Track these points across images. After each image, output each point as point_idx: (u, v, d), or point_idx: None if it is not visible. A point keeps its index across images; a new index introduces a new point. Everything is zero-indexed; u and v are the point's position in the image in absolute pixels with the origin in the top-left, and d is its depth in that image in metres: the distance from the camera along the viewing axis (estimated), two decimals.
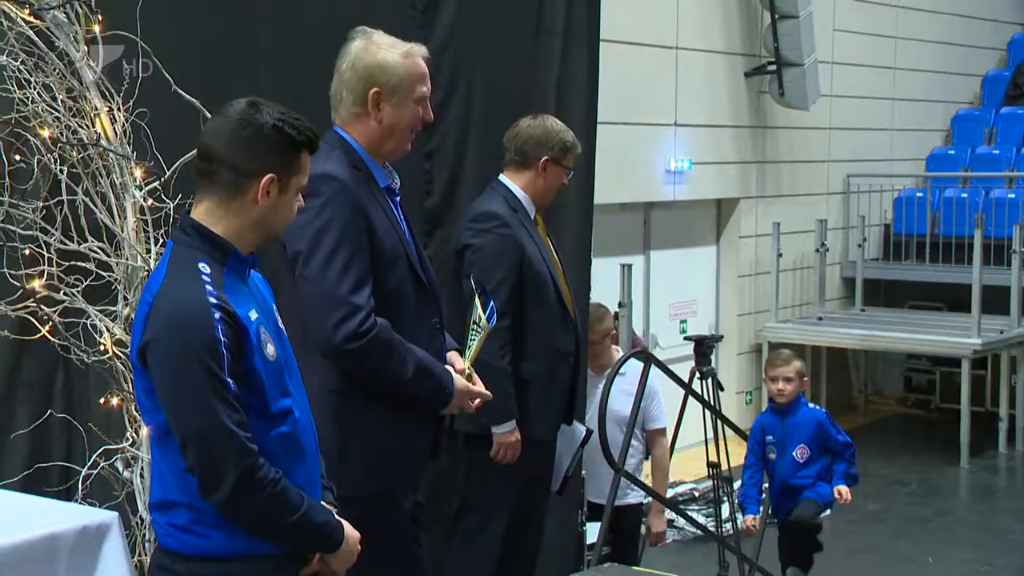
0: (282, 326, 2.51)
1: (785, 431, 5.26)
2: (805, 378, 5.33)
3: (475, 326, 3.17)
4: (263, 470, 2.26)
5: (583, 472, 4.67)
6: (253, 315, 2.34)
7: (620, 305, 5.90)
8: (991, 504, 7.92)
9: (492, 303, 3.18)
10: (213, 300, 2.26)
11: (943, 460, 8.83)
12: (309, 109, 3.59)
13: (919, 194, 10.91)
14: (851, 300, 10.69)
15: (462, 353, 3.22)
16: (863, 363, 10.85)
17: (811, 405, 5.34)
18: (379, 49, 3.05)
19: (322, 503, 2.48)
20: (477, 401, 3.18)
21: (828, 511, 5.34)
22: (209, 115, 3.09)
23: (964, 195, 10.67)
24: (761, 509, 5.36)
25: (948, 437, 9.16)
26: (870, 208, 10.63)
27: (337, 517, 2.46)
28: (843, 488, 5.21)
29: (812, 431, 5.22)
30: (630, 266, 5.93)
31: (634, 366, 4.99)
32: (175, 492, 2.32)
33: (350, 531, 2.48)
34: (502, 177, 3.92)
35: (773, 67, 9.31)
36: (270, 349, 2.35)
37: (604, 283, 6.17)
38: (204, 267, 2.31)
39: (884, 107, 11.12)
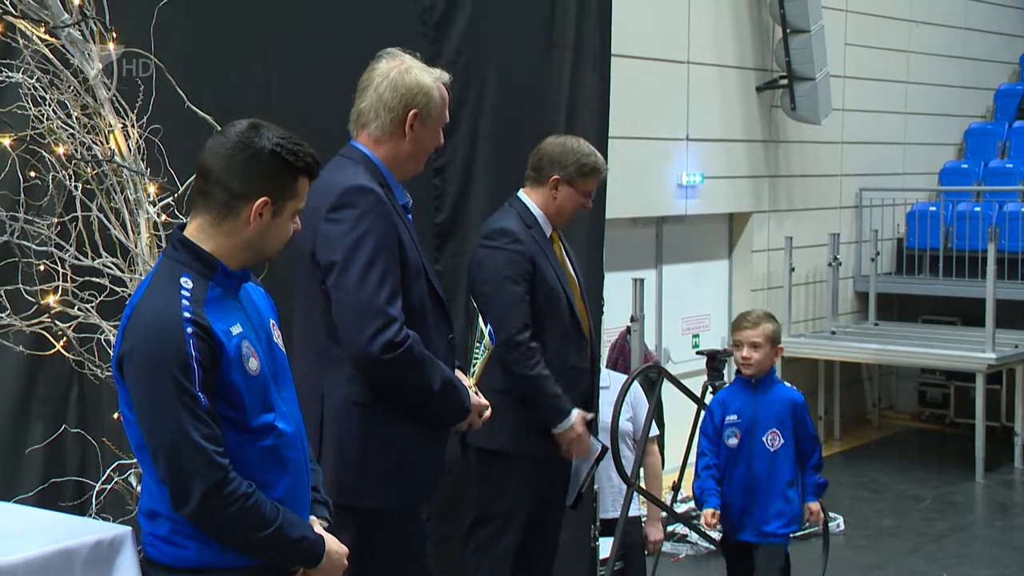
0: (278, 341, 2.51)
1: (756, 410, 4.37)
2: (779, 346, 4.50)
3: (479, 345, 3.21)
4: (232, 484, 2.27)
5: (596, 487, 4.67)
6: (235, 330, 2.35)
7: (632, 319, 5.89)
8: (1007, 519, 7.87)
9: (489, 325, 3.23)
10: (187, 315, 2.27)
11: (958, 475, 8.78)
12: (319, 124, 3.64)
13: (932, 208, 10.88)
14: (864, 314, 10.66)
15: (465, 371, 3.25)
16: (877, 378, 10.81)
17: (788, 384, 4.58)
18: (417, 72, 3.12)
19: (312, 517, 2.49)
20: (487, 414, 3.23)
21: (795, 528, 4.54)
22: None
23: (977, 209, 10.64)
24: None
25: (963, 452, 9.11)
26: (883, 222, 10.61)
27: (318, 531, 2.46)
28: (814, 506, 4.43)
29: (787, 414, 4.39)
30: (642, 280, 5.92)
31: (616, 379, 4.98)
32: (158, 502, 2.35)
33: (334, 546, 2.48)
34: (520, 192, 3.92)
35: (785, 81, 9.32)
36: (252, 364, 2.36)
37: (616, 297, 6.17)
38: (186, 281, 2.32)
39: (897, 121, 11.11)
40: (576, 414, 3.75)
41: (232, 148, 2.36)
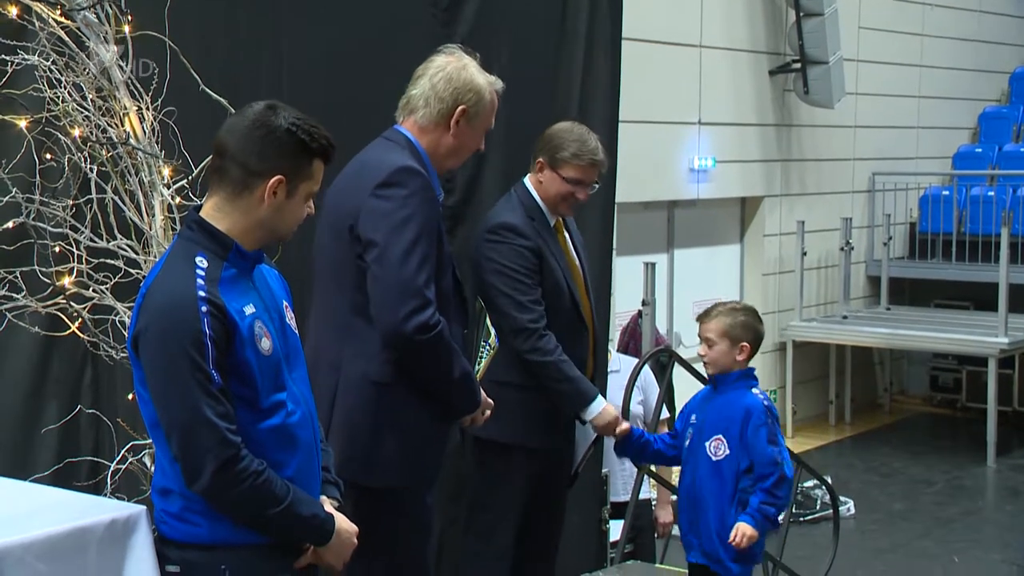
0: (291, 322, 2.54)
1: (707, 413, 3.79)
2: (743, 344, 3.77)
3: (484, 343, 3.23)
4: (244, 462, 2.30)
5: (605, 470, 4.69)
6: (249, 310, 2.37)
7: (643, 303, 5.90)
8: (1018, 504, 7.87)
9: (494, 327, 3.27)
10: (202, 294, 2.30)
11: (969, 459, 8.78)
12: (331, 106, 3.65)
13: (945, 192, 10.85)
14: (876, 299, 10.64)
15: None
16: (888, 362, 10.80)
17: (755, 391, 3.79)
18: (473, 71, 3.19)
19: (323, 497, 2.51)
20: (488, 413, 3.29)
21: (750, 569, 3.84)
22: None
23: (991, 193, 10.61)
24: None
25: (974, 436, 9.11)
26: (895, 206, 10.59)
27: (329, 510, 2.48)
28: (745, 527, 3.60)
29: (735, 420, 3.69)
30: (654, 264, 5.92)
31: (627, 362, 4.98)
32: (171, 480, 2.38)
33: (344, 524, 2.50)
34: (525, 178, 3.92)
35: (798, 65, 9.29)
36: (265, 344, 2.38)
37: (628, 281, 6.19)
38: (201, 261, 2.35)
39: (910, 105, 11.06)
40: (601, 398, 3.75)
41: (249, 126, 2.39)
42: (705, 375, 3.95)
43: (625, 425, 3.85)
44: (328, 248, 3.15)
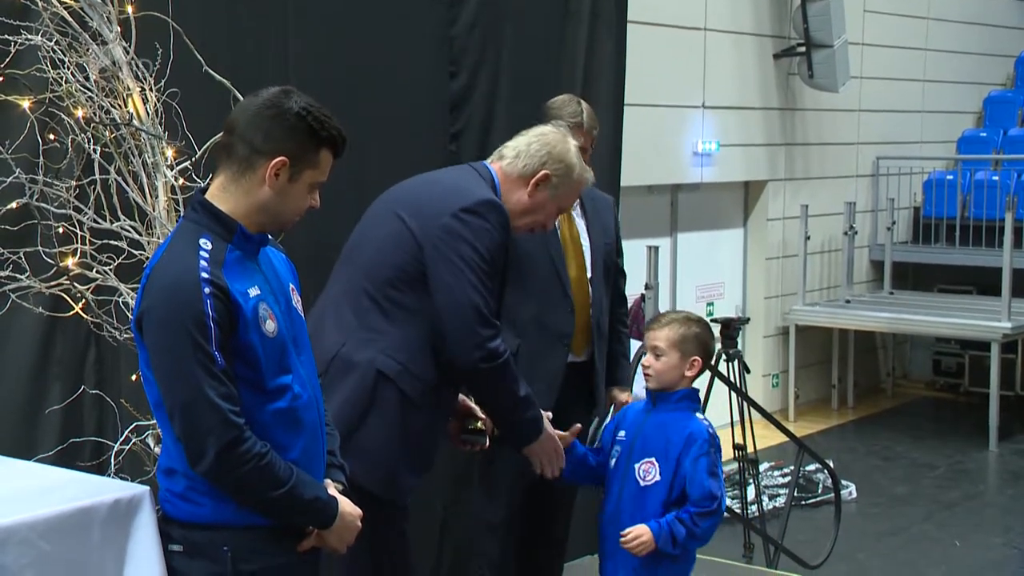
0: (297, 306, 2.54)
1: (642, 431, 3.35)
2: (694, 359, 3.35)
3: None
4: (247, 443, 2.30)
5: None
6: (253, 292, 2.37)
7: (647, 287, 5.90)
8: (1020, 488, 7.88)
9: None
10: (205, 275, 2.30)
11: (971, 444, 8.79)
12: (335, 87, 3.64)
13: (949, 177, 10.82)
14: (879, 283, 10.63)
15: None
16: (891, 346, 10.81)
17: (700, 416, 3.38)
18: (572, 150, 3.21)
19: (327, 480, 2.51)
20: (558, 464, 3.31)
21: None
22: (240, 95, 3.13)
23: (995, 178, 10.59)
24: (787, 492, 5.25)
25: (977, 421, 9.12)
26: (899, 191, 10.57)
27: (333, 493, 2.48)
28: (645, 532, 3.23)
29: (674, 444, 3.29)
30: (657, 248, 5.92)
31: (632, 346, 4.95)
32: (175, 460, 2.38)
33: (348, 508, 2.50)
34: None
35: (802, 48, 9.26)
36: (270, 325, 2.38)
37: (631, 265, 6.16)
38: (205, 243, 2.35)
39: (915, 89, 11.03)
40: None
41: (260, 106, 2.40)
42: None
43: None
44: (374, 241, 3.11)
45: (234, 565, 2.37)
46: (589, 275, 3.85)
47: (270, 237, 2.55)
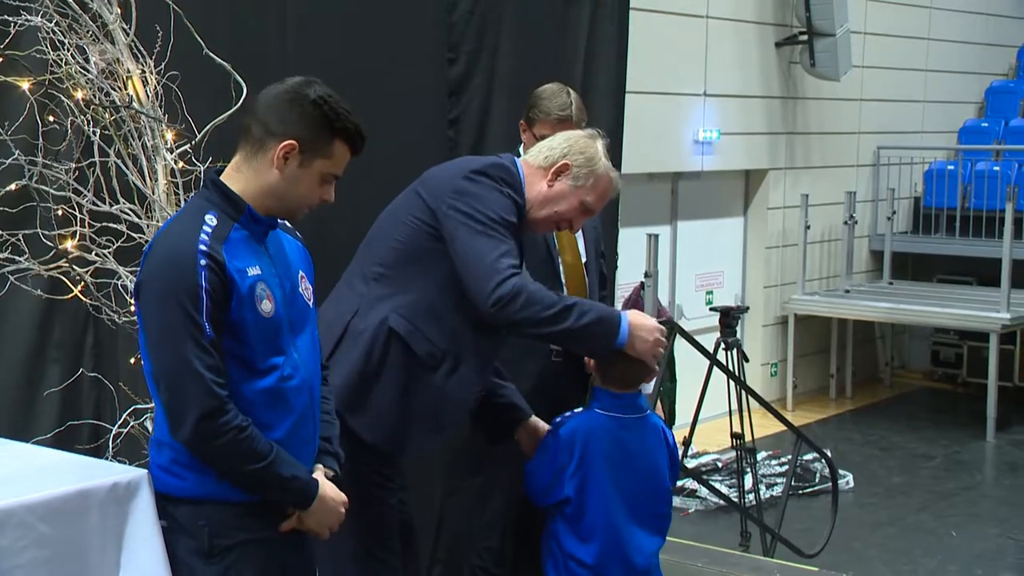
0: (304, 292, 2.54)
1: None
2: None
3: None
4: (227, 415, 2.31)
5: None
6: (253, 271, 2.39)
7: (646, 275, 5.90)
8: (1016, 479, 7.89)
9: None
10: (203, 248, 2.32)
11: (969, 434, 8.80)
12: (335, 70, 3.63)
13: (950, 167, 10.81)
14: (879, 273, 10.63)
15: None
16: (890, 336, 10.81)
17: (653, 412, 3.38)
18: (600, 151, 3.20)
19: (317, 465, 2.51)
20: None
21: None
22: (240, 78, 3.13)
23: (996, 168, 10.57)
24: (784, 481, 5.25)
25: (974, 412, 9.12)
26: (900, 181, 10.56)
27: (315, 476, 2.48)
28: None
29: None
30: (657, 236, 5.92)
31: None
32: (163, 432, 2.40)
33: (330, 492, 2.50)
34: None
35: (804, 37, 9.24)
36: (266, 306, 2.39)
37: (631, 253, 6.18)
38: (210, 219, 2.38)
39: (916, 78, 11.01)
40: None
41: (280, 92, 2.44)
42: (704, 343, 3.86)
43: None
44: (392, 214, 3.14)
45: (210, 540, 2.39)
46: (584, 260, 3.85)
47: (288, 224, 2.57)
